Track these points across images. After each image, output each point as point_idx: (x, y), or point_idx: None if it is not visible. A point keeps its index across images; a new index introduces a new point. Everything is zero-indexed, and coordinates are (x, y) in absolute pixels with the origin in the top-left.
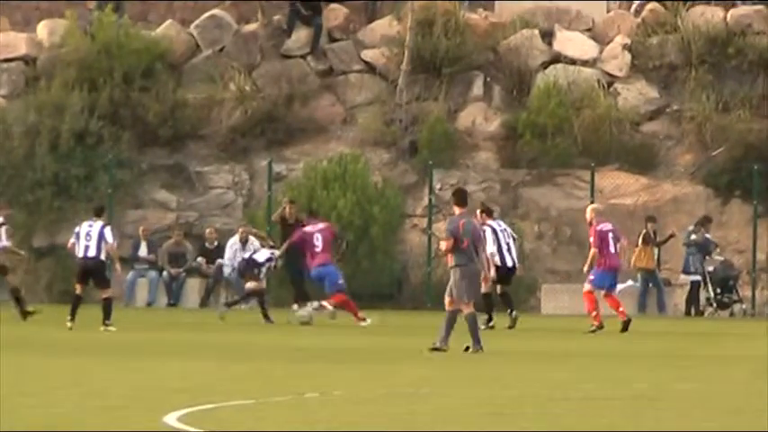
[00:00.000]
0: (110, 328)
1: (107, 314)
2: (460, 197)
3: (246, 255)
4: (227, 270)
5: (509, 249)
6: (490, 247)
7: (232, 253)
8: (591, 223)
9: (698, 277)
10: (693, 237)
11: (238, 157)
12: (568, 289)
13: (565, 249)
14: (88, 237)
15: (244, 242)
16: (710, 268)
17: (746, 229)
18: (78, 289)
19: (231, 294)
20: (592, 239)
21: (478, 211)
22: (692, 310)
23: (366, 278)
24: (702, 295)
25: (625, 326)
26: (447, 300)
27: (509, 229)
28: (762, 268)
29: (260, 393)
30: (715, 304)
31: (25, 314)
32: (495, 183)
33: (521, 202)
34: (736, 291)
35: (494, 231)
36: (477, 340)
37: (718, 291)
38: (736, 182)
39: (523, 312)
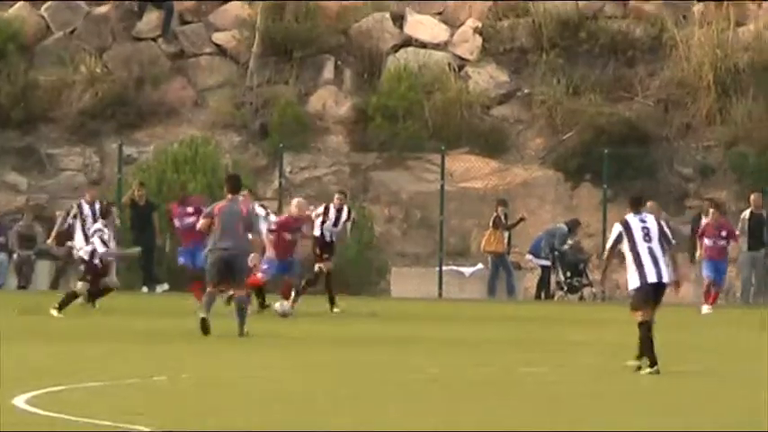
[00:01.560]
0: None
1: None
2: (233, 184)
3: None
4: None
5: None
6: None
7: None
8: None
9: (547, 262)
10: (568, 244)
11: (89, 139)
12: (418, 272)
13: (415, 233)
14: None
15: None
16: (566, 246)
17: (596, 213)
18: None
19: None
20: None
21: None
22: (543, 294)
23: None
24: (553, 279)
25: None
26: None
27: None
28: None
29: (111, 376)
30: (565, 288)
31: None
32: (345, 166)
33: (371, 185)
34: (586, 275)
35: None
36: (241, 323)
37: (569, 275)
38: (586, 166)
39: (374, 296)
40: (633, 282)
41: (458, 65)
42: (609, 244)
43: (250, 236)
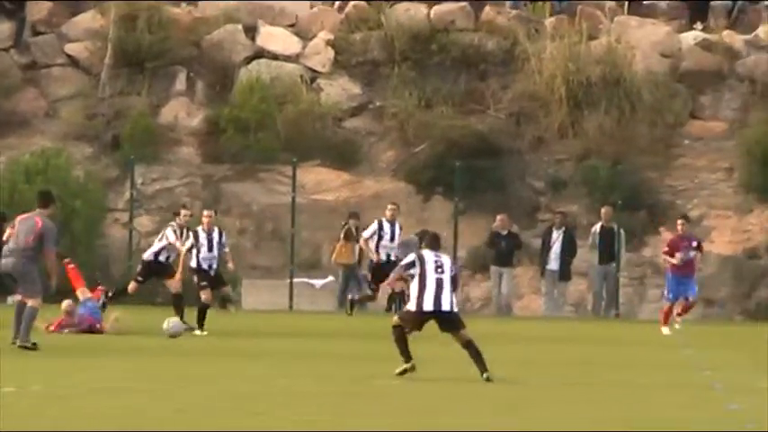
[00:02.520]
0: None
1: None
2: (43, 199)
3: None
4: None
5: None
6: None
7: None
8: None
9: None
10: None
11: None
12: (269, 284)
13: (267, 245)
14: None
15: None
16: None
17: (448, 225)
18: None
19: None
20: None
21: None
22: (394, 307)
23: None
24: (405, 291)
25: None
26: None
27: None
28: (462, 265)
29: None
30: None
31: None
32: (197, 177)
33: (223, 197)
34: None
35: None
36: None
37: None
38: (438, 178)
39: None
40: (411, 304)
41: (310, 77)
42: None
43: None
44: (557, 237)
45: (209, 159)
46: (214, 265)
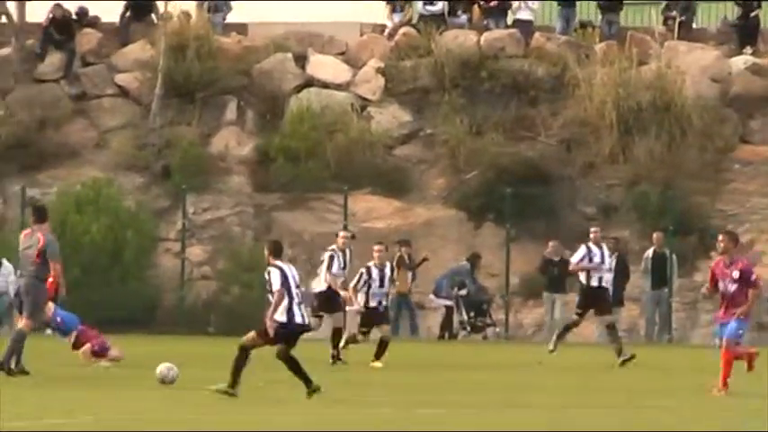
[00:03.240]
0: None
1: None
2: (39, 214)
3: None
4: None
5: None
6: None
7: None
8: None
9: (450, 302)
10: (464, 289)
11: None
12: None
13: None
14: None
15: None
16: (464, 292)
17: (499, 252)
18: None
19: None
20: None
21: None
22: (446, 334)
23: (119, 303)
24: (456, 318)
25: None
26: None
27: None
28: (514, 292)
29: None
30: (469, 328)
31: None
32: (248, 207)
33: (274, 226)
34: (489, 314)
35: None
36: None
37: (472, 314)
38: (488, 205)
39: None
40: (280, 317)
41: (360, 105)
42: (277, 286)
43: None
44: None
45: (259, 188)
46: (384, 302)
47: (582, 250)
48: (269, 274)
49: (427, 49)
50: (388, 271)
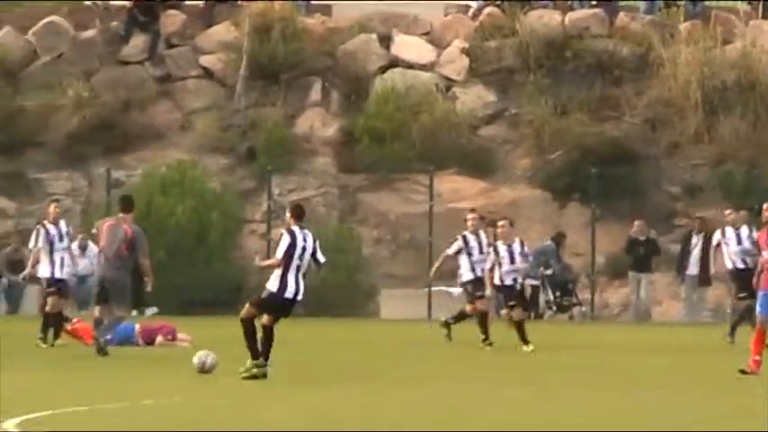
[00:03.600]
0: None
1: None
2: (125, 204)
3: (86, 261)
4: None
5: None
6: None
7: (70, 259)
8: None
9: (536, 281)
10: (550, 269)
11: (77, 163)
12: (407, 294)
13: (403, 254)
14: None
15: (83, 248)
16: (549, 272)
17: (584, 232)
18: None
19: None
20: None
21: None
22: (531, 314)
23: (204, 285)
24: (542, 298)
25: None
26: None
27: None
28: (600, 271)
29: (98, 400)
30: (555, 307)
31: None
32: (333, 188)
33: (359, 207)
34: (575, 294)
35: None
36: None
37: (558, 294)
38: (573, 185)
39: (363, 317)
40: (273, 286)
41: (445, 85)
42: (281, 253)
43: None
44: (696, 242)
45: (344, 169)
46: (519, 279)
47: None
48: (281, 237)
49: (512, 30)
50: (484, 238)
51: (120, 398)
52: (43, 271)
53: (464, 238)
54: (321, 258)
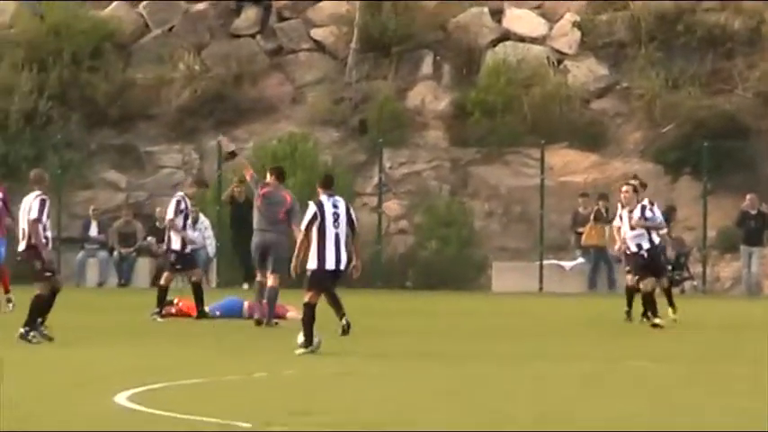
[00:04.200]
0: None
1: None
2: (279, 173)
3: (196, 233)
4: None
5: None
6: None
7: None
8: None
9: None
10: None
11: (188, 136)
12: (518, 267)
13: (515, 227)
14: None
15: (194, 221)
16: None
17: (696, 206)
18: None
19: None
20: None
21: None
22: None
23: None
24: None
25: None
26: None
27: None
28: (712, 245)
29: (210, 373)
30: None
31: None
32: (444, 161)
33: (470, 180)
34: (687, 268)
35: None
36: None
37: (670, 268)
38: (685, 159)
39: (474, 291)
40: (312, 263)
41: (556, 59)
42: (304, 225)
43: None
44: None
45: (456, 143)
46: (645, 245)
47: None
48: (309, 208)
49: (623, 3)
50: (638, 212)
51: (232, 371)
52: (175, 244)
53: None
54: (356, 225)
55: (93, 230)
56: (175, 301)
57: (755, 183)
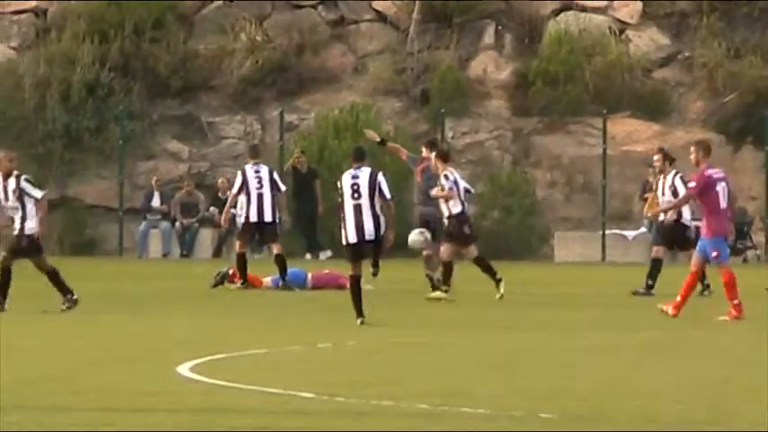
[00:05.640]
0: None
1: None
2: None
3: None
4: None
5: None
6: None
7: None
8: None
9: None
10: None
11: (249, 107)
12: (581, 237)
13: (577, 197)
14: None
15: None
16: None
17: (758, 175)
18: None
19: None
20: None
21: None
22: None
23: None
24: None
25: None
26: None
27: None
28: None
29: (273, 343)
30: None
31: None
32: (506, 131)
33: (533, 150)
34: (750, 237)
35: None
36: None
37: (732, 237)
38: (747, 128)
39: (537, 260)
40: (343, 238)
41: (618, 28)
42: (340, 197)
43: None
44: None
45: (518, 112)
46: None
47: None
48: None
49: None
50: (670, 179)
51: (295, 341)
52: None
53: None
54: (387, 194)
55: (156, 201)
56: (230, 271)
57: None
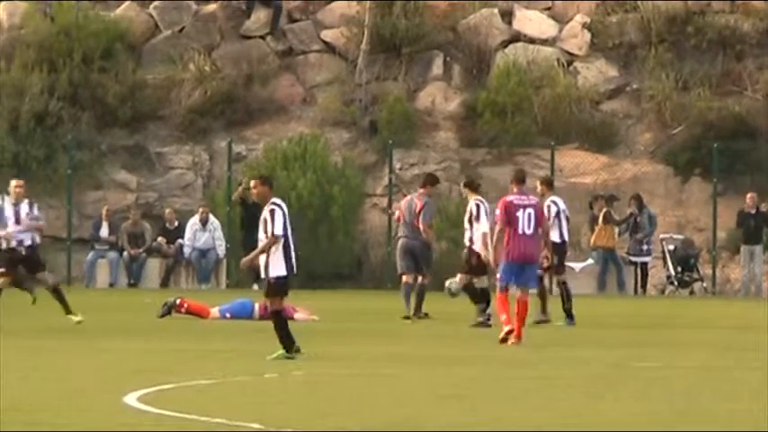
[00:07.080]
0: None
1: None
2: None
3: (207, 235)
4: (186, 250)
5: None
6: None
7: (192, 233)
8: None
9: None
10: (671, 244)
11: (198, 137)
12: None
13: None
14: None
15: (204, 222)
16: (671, 247)
17: (706, 207)
18: None
19: (192, 275)
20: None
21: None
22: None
23: (326, 258)
24: (664, 273)
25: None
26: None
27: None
28: (722, 246)
29: (220, 374)
30: (676, 283)
31: None
32: (454, 162)
33: (481, 180)
34: (697, 269)
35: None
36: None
37: (679, 269)
38: (695, 160)
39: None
40: (278, 270)
41: (566, 60)
42: (279, 230)
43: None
44: None
45: (466, 144)
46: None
47: None
48: (272, 213)
49: (633, 5)
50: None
51: (242, 371)
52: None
53: None
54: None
55: (104, 231)
56: (178, 301)
57: (766, 184)
